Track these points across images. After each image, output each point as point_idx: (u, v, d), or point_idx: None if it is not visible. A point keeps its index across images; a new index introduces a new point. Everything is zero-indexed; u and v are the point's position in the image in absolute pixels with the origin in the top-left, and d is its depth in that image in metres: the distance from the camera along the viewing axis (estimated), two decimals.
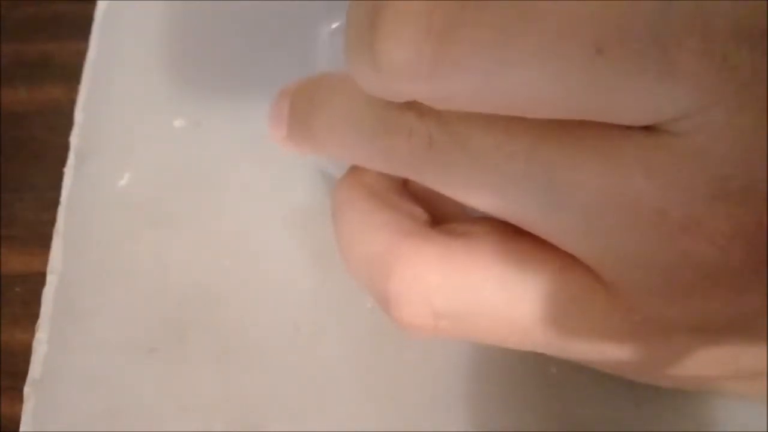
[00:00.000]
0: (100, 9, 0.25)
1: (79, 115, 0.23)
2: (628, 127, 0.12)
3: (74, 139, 0.22)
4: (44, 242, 0.21)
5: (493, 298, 0.14)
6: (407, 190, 0.16)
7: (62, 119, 0.23)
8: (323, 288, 0.20)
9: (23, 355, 0.19)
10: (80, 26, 0.24)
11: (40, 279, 0.20)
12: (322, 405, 0.18)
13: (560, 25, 0.11)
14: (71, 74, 0.24)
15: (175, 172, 0.22)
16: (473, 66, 0.11)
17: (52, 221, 0.21)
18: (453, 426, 0.18)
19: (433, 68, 0.12)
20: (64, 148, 0.22)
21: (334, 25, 0.22)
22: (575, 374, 0.18)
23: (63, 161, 0.22)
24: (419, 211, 0.16)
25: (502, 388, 0.18)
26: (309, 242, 0.20)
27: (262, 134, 0.18)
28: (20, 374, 0.19)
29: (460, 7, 0.11)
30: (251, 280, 0.20)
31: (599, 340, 0.14)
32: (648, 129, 0.12)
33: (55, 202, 0.21)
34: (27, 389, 0.19)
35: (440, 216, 0.16)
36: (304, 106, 0.17)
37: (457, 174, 0.14)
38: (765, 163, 0.11)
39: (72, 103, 0.23)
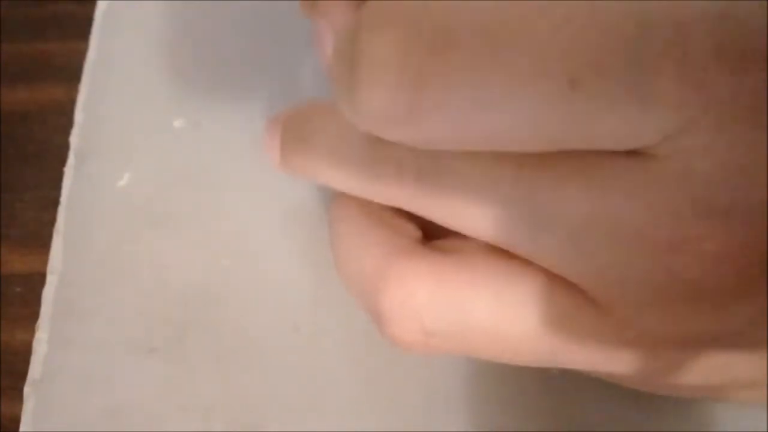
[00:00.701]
0: (100, 9, 0.25)
1: (79, 115, 0.23)
2: (611, 151, 0.12)
3: (74, 139, 0.22)
4: (44, 242, 0.21)
5: (483, 316, 0.14)
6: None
7: (62, 119, 0.23)
8: (323, 288, 0.20)
9: (23, 355, 0.19)
10: (80, 26, 0.24)
11: (40, 279, 0.20)
12: (322, 405, 0.18)
13: (532, 62, 0.11)
14: (71, 74, 0.24)
15: (175, 172, 0.22)
16: (448, 110, 0.12)
17: (52, 221, 0.21)
18: (453, 426, 0.18)
19: (409, 115, 0.12)
20: (64, 148, 0.22)
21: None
22: (576, 375, 0.18)
23: (63, 161, 0.22)
24: (412, 228, 0.16)
25: (502, 388, 0.18)
26: (309, 242, 0.20)
27: (262, 134, 0.18)
28: (20, 374, 0.19)
29: (431, 52, 0.11)
30: (251, 280, 0.20)
31: (591, 355, 0.14)
32: (630, 152, 0.12)
33: (55, 202, 0.21)
34: (27, 389, 0.19)
35: (433, 232, 0.16)
36: (294, 137, 0.17)
37: (445, 203, 0.14)
38: (748, 182, 0.11)
39: (72, 103, 0.23)
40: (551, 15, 0.11)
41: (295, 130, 0.17)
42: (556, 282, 0.14)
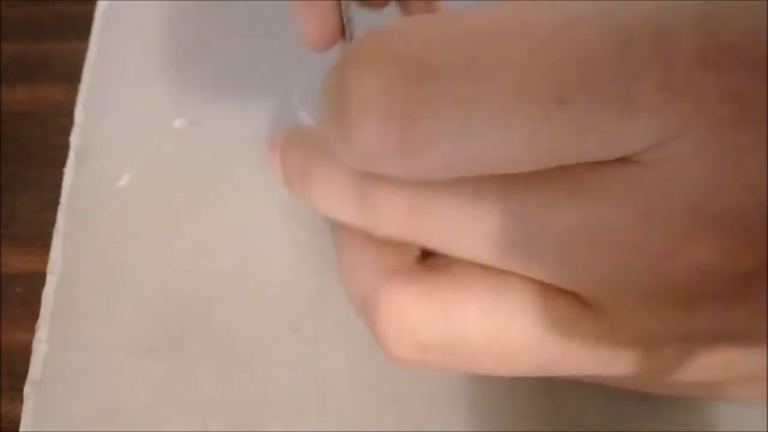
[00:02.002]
0: (100, 9, 0.25)
1: (79, 115, 0.23)
2: (598, 162, 0.12)
3: (74, 139, 0.22)
4: (44, 242, 0.21)
5: (478, 329, 0.14)
6: None
7: (62, 119, 0.23)
8: (323, 288, 0.20)
9: (23, 355, 0.19)
10: (80, 26, 0.24)
11: (40, 279, 0.20)
12: (322, 405, 0.18)
13: (518, 85, 0.11)
14: (71, 74, 0.24)
15: (175, 172, 0.22)
16: (438, 142, 0.12)
17: (52, 221, 0.21)
18: (453, 426, 0.18)
19: (400, 150, 0.12)
20: (64, 148, 0.22)
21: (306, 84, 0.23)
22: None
23: (63, 161, 0.22)
24: (410, 245, 0.16)
25: (502, 388, 0.18)
26: (309, 242, 0.20)
27: (262, 134, 0.18)
28: (20, 374, 0.19)
29: (416, 86, 0.11)
30: (251, 280, 0.20)
31: (588, 361, 0.14)
32: (618, 161, 0.12)
33: (55, 202, 0.21)
34: (27, 389, 0.19)
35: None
36: (294, 167, 0.17)
37: (438, 231, 0.14)
38: (739, 185, 0.11)
39: (72, 103, 0.23)
40: (530, 37, 0.11)
41: (294, 161, 0.17)
42: (551, 289, 0.14)
